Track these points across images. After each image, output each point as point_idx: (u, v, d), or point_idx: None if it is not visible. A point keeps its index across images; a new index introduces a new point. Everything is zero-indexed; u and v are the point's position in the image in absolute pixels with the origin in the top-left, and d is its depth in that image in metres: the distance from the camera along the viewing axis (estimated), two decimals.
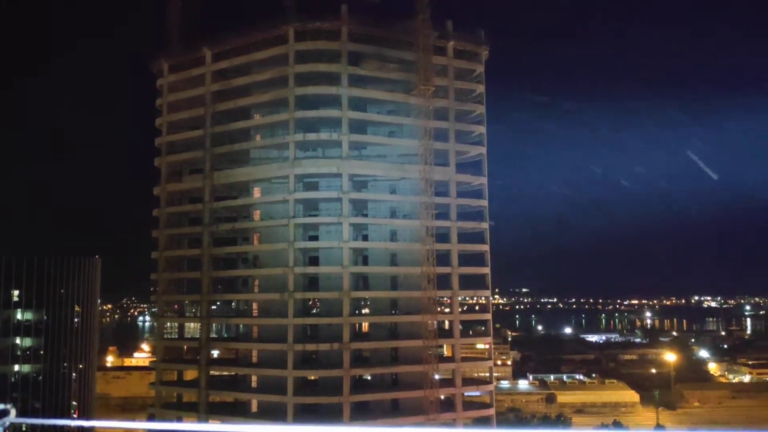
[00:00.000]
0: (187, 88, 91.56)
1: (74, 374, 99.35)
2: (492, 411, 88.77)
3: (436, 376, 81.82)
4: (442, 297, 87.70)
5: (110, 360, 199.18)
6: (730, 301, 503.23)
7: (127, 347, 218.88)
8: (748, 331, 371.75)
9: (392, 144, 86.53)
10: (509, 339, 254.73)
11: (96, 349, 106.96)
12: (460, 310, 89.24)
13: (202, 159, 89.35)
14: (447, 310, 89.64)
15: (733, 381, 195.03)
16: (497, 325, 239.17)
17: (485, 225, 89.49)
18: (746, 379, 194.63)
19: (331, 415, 76.97)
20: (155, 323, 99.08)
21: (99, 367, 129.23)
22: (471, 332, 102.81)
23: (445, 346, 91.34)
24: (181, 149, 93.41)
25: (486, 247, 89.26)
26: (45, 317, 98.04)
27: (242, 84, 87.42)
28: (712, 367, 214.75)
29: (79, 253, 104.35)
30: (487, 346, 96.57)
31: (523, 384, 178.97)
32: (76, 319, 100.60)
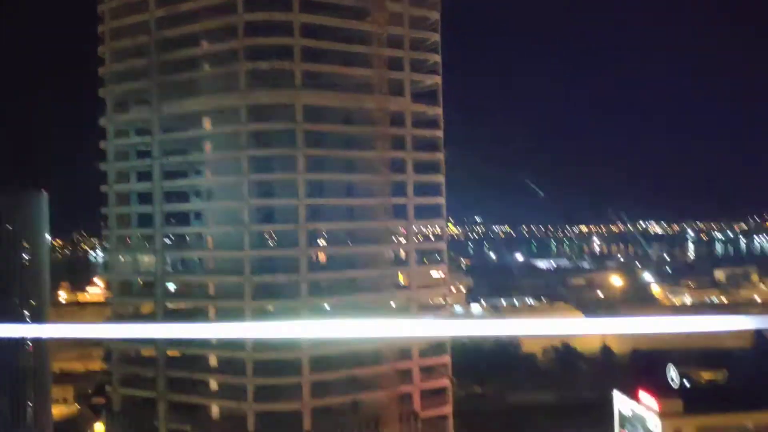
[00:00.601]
0: (130, 14, 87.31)
1: (26, 312, 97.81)
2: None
3: (393, 305, 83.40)
4: (398, 227, 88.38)
5: (63, 296, 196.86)
6: (674, 227, 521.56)
7: (80, 282, 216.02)
8: (691, 256, 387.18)
9: (346, 73, 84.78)
10: (463, 266, 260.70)
11: (48, 286, 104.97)
12: (415, 240, 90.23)
13: (149, 89, 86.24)
14: (403, 240, 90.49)
15: (675, 302, 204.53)
16: (451, 253, 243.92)
17: (440, 155, 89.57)
18: (687, 300, 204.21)
19: None
20: (108, 258, 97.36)
21: (52, 303, 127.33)
22: (426, 261, 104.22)
23: (401, 274, 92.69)
24: (128, 79, 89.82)
25: (441, 178, 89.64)
26: None
27: (188, 9, 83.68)
28: (656, 290, 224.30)
29: (24, 186, 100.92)
30: (441, 274, 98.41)
31: (476, 309, 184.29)
32: (25, 256, 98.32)
